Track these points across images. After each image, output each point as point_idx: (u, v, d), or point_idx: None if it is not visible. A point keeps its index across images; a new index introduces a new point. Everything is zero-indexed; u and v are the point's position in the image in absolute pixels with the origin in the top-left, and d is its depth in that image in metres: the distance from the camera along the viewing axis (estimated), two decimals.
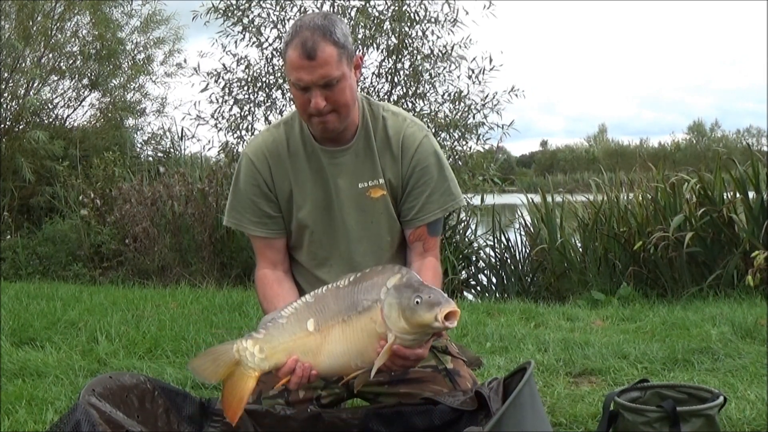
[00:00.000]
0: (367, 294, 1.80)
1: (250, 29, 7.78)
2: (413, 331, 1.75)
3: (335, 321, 1.82)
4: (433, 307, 1.70)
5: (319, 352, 1.84)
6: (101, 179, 8.40)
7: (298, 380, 1.84)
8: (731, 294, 5.26)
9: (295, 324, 1.85)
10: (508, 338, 3.93)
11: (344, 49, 1.99)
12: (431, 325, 1.71)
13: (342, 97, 2.00)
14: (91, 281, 7.15)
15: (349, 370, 1.85)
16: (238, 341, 1.87)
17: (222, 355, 1.88)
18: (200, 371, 1.90)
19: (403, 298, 1.74)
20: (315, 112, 2.00)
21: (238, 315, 4.57)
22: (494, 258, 7.37)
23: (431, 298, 1.71)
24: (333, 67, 1.96)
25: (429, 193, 2.13)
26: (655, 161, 7.69)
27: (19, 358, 3.45)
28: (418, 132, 2.16)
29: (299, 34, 1.97)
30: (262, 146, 2.18)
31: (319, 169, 2.14)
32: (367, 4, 7.61)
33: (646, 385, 2.38)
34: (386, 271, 1.83)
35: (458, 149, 7.88)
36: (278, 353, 1.85)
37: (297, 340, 1.84)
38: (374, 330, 1.78)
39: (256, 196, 2.17)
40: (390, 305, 1.75)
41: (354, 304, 1.80)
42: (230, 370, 1.87)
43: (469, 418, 1.94)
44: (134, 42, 11.23)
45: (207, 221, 7.22)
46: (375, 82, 7.86)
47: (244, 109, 7.97)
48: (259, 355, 1.86)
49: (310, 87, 1.97)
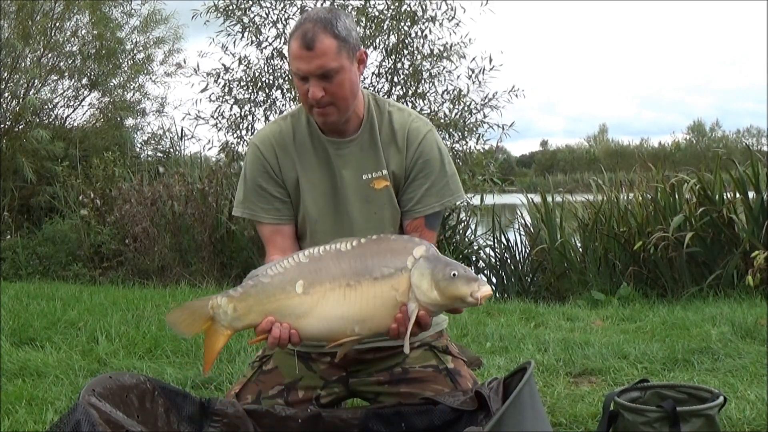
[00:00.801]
0: (386, 261, 1.79)
1: (249, 29, 7.78)
2: (443, 303, 1.77)
3: (336, 284, 1.80)
4: (470, 282, 1.73)
5: (307, 315, 1.81)
6: (101, 179, 8.40)
7: (275, 341, 1.82)
8: (731, 294, 5.26)
9: (279, 284, 1.83)
10: (508, 338, 3.93)
11: (345, 42, 2.02)
12: (465, 299, 1.74)
13: (340, 90, 2.03)
14: (91, 281, 7.15)
15: (340, 335, 1.82)
16: (214, 297, 1.88)
17: (198, 311, 1.89)
18: (176, 325, 1.92)
19: (437, 269, 1.75)
20: (314, 103, 2.04)
21: None
22: (494, 258, 7.37)
23: (467, 273, 1.75)
24: (330, 59, 2.00)
25: (429, 185, 2.14)
26: (655, 161, 7.70)
27: (19, 358, 3.45)
28: (423, 126, 2.19)
29: (302, 25, 2.03)
30: (269, 135, 2.21)
31: (326, 160, 2.17)
32: (367, 4, 7.62)
33: (646, 385, 2.38)
34: (404, 240, 1.86)
35: (458, 149, 7.89)
36: (253, 314, 1.84)
37: (278, 301, 1.83)
38: (393, 298, 1.78)
39: (264, 182, 2.18)
40: (421, 275, 1.76)
41: (366, 270, 1.79)
42: (205, 326, 1.89)
43: (469, 418, 1.94)
44: (134, 41, 11.24)
45: (207, 221, 7.22)
46: (375, 82, 7.87)
47: (244, 109, 7.98)
48: (232, 314, 1.86)
49: (308, 77, 2.02)
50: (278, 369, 2.22)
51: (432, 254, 1.80)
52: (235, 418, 1.98)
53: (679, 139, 48.85)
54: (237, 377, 3.07)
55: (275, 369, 2.22)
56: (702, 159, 13.08)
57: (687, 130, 51.32)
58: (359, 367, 2.22)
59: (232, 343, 3.69)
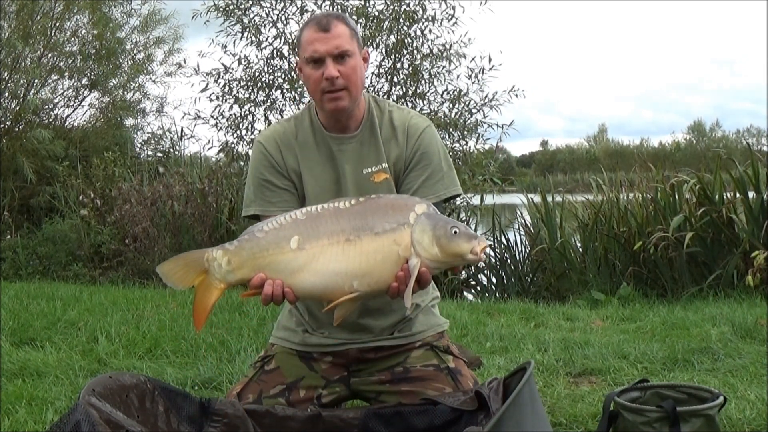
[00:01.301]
0: (387, 217, 1.81)
1: (249, 28, 7.79)
2: (443, 260, 1.79)
3: (334, 240, 1.81)
4: (471, 239, 1.77)
5: (301, 270, 1.81)
6: (101, 179, 8.40)
7: (267, 297, 1.83)
8: (731, 294, 5.26)
9: (273, 240, 1.84)
10: (508, 338, 3.93)
11: (355, 33, 2.13)
12: (465, 256, 1.77)
13: (353, 74, 2.10)
14: (91, 281, 7.15)
15: (338, 292, 1.81)
16: (209, 250, 1.87)
17: (192, 262, 1.88)
18: (169, 276, 1.89)
19: (438, 226, 1.78)
20: (327, 85, 2.08)
21: (238, 315, 4.57)
22: (494, 258, 7.36)
23: (468, 231, 1.79)
24: (346, 41, 2.09)
25: (426, 177, 2.16)
26: (655, 161, 7.69)
27: (19, 358, 3.45)
28: (423, 122, 2.25)
29: (314, 17, 2.15)
30: (273, 134, 2.26)
31: (329, 156, 2.21)
32: (367, 4, 7.62)
33: (646, 385, 2.38)
34: (404, 198, 1.90)
35: (458, 149, 7.89)
36: (246, 268, 1.84)
37: (271, 256, 1.83)
38: (395, 253, 1.79)
39: (271, 175, 2.20)
40: (423, 231, 1.78)
41: (367, 226, 1.81)
42: (199, 279, 1.87)
43: (469, 418, 1.94)
44: (134, 41, 11.24)
45: (207, 221, 7.22)
46: (375, 82, 7.88)
47: (244, 109, 7.98)
48: (226, 267, 1.85)
49: (324, 58, 2.08)
50: (280, 369, 2.23)
51: (433, 211, 1.83)
52: (235, 418, 1.98)
53: (679, 139, 48.92)
54: (237, 377, 3.08)
55: (277, 369, 2.23)
56: (702, 159, 13.08)
57: (687, 130, 51.39)
58: (361, 366, 2.23)
59: (232, 343, 3.70)
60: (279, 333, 2.32)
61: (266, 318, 4.35)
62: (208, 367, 3.29)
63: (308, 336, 2.25)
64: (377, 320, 2.20)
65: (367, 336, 2.21)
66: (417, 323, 2.25)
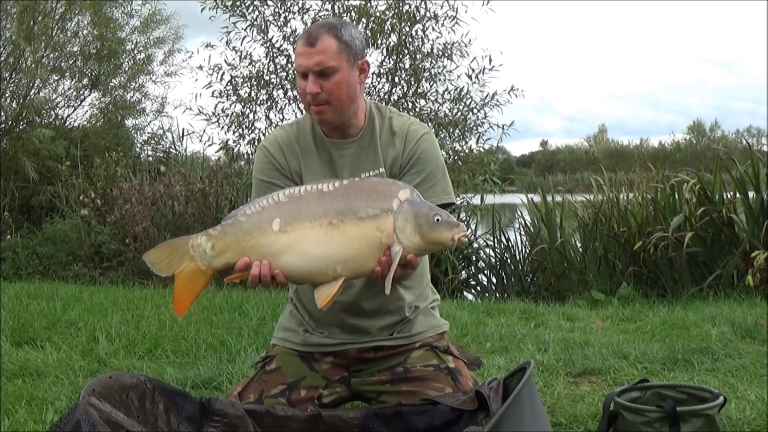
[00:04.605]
0: (371, 202, 1.81)
1: (255, 24, 7.81)
2: (425, 247, 1.81)
3: (317, 223, 1.81)
4: (452, 228, 1.78)
5: (285, 252, 1.81)
6: (102, 179, 8.40)
7: (255, 279, 1.83)
8: (731, 294, 5.26)
9: (255, 222, 1.84)
10: (508, 338, 3.93)
11: (347, 46, 2.10)
12: (445, 244, 1.79)
13: (336, 90, 2.10)
14: (91, 281, 7.14)
15: (321, 276, 1.82)
16: (194, 236, 1.88)
17: (177, 249, 1.89)
18: (155, 263, 1.91)
19: (420, 213, 1.79)
20: (310, 99, 2.11)
21: (238, 315, 4.56)
22: (494, 258, 7.36)
23: (449, 219, 1.80)
24: (329, 57, 2.07)
25: (420, 181, 2.16)
26: (655, 161, 7.69)
27: (19, 358, 3.45)
28: (422, 129, 2.27)
29: (309, 28, 2.16)
30: (277, 138, 2.29)
31: (329, 160, 2.23)
32: (368, 4, 7.62)
33: (646, 385, 2.38)
34: (388, 183, 1.90)
35: (458, 149, 7.89)
36: (230, 252, 1.85)
37: (254, 239, 1.83)
38: (377, 239, 1.80)
39: (275, 178, 2.22)
40: (405, 218, 1.79)
41: (350, 210, 1.81)
42: (184, 265, 1.88)
43: (469, 418, 1.94)
44: (134, 42, 11.25)
45: (207, 221, 7.20)
46: (375, 82, 7.87)
47: (246, 107, 7.99)
48: (210, 252, 1.86)
49: (308, 73, 2.09)
50: (281, 369, 2.23)
51: (416, 197, 1.84)
52: (235, 418, 1.98)
53: (679, 139, 48.92)
54: (237, 377, 3.08)
55: (278, 369, 2.24)
56: (702, 159, 13.08)
57: (687, 130, 51.39)
58: (361, 366, 2.24)
59: (232, 343, 3.70)
60: (280, 334, 2.33)
61: (266, 318, 4.35)
62: (208, 367, 3.29)
63: (309, 336, 2.26)
64: (374, 321, 2.21)
65: (367, 336, 2.21)
66: (417, 324, 2.26)
